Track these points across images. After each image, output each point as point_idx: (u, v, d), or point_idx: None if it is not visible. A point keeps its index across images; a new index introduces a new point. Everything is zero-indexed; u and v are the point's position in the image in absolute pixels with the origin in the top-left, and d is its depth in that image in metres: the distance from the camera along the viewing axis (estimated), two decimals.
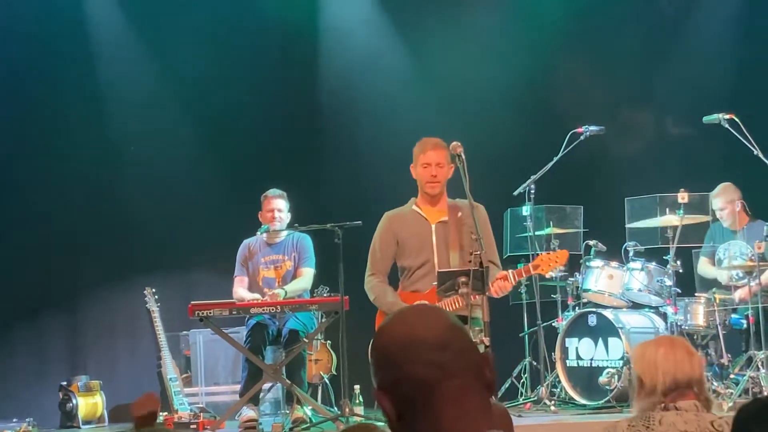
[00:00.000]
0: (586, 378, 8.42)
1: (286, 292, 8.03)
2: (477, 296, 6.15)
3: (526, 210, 8.85)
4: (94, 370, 9.63)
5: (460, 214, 6.84)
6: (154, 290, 8.81)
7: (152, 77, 10.49)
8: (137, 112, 10.42)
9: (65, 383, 9.22)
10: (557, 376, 8.53)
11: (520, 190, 8.83)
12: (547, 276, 8.16)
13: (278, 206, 8.33)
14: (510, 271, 6.60)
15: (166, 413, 8.28)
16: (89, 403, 9.21)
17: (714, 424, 3.61)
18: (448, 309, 6.27)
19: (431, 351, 2.12)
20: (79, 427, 9.00)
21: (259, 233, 8.41)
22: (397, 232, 7.05)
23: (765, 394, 7.68)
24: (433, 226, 6.95)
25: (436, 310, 2.27)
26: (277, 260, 8.40)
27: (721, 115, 8.52)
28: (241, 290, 8.28)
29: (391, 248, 7.06)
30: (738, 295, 8.61)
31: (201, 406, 8.80)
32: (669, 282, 8.50)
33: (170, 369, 8.73)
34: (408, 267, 6.99)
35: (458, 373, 2.12)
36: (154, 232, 10.24)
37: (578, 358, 8.51)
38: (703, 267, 9.14)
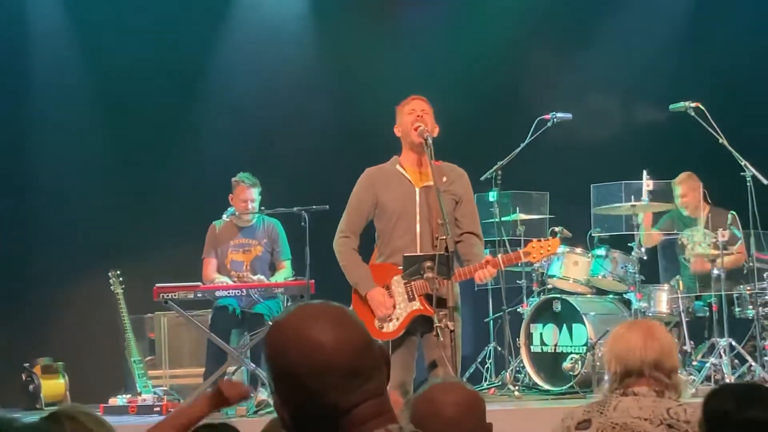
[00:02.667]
0: (550, 364, 8.46)
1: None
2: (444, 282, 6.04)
3: (492, 196, 8.86)
4: (57, 352, 9.56)
5: (445, 179, 6.34)
6: (118, 272, 8.76)
7: (115, 61, 10.40)
8: (99, 95, 10.35)
9: (27, 364, 9.17)
10: (521, 361, 8.57)
11: (486, 176, 8.84)
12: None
13: (252, 196, 8.32)
14: (499, 255, 6.44)
15: (129, 396, 8.25)
16: (52, 385, 9.16)
17: (669, 412, 3.61)
18: (419, 291, 6.22)
19: (344, 379, 2.00)
20: (42, 409, 8.94)
21: (225, 216, 8.39)
22: (378, 191, 6.48)
23: (727, 380, 7.75)
24: (418, 190, 6.40)
25: (346, 321, 2.07)
26: (246, 244, 8.39)
27: (687, 104, 8.56)
28: (211, 272, 8.27)
29: (369, 208, 6.49)
30: (693, 267, 8.75)
31: (165, 388, 8.77)
32: (633, 269, 8.55)
33: (134, 351, 8.69)
34: (387, 232, 6.46)
35: (370, 397, 2.03)
36: (119, 213, 10.18)
37: (542, 343, 8.55)
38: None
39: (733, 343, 8.12)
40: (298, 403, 2.02)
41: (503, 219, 8.90)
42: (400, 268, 6.24)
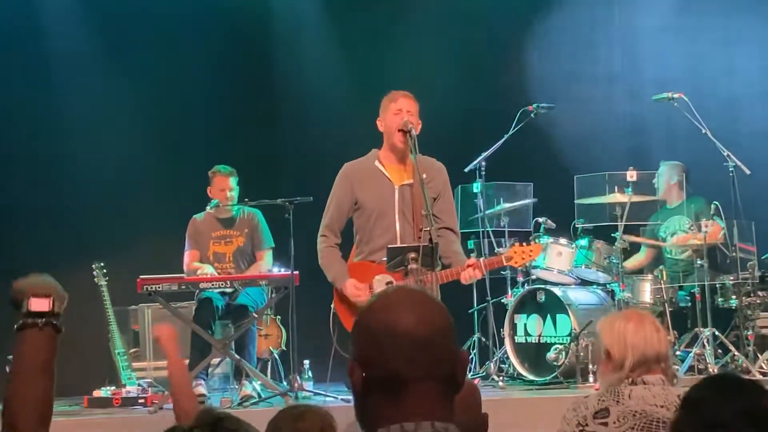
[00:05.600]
0: (534, 354, 8.48)
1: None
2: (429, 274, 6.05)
3: (476, 187, 8.88)
4: None
5: (425, 175, 6.28)
6: (102, 265, 8.74)
7: (99, 55, 10.36)
8: (83, 88, 10.30)
9: (11, 357, 9.12)
10: (506, 352, 8.58)
11: (471, 167, 8.86)
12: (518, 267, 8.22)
13: (230, 185, 8.33)
14: (482, 259, 6.43)
15: (114, 388, 8.24)
16: None
17: (680, 398, 3.67)
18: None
19: (415, 349, 2.10)
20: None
21: (208, 208, 8.39)
22: (356, 188, 6.49)
23: (711, 370, 7.78)
24: (397, 189, 6.42)
25: (432, 303, 2.21)
26: (227, 236, 8.39)
27: (670, 94, 8.59)
28: (191, 262, 8.25)
29: (348, 205, 6.52)
30: (672, 241, 8.80)
31: (149, 381, 8.76)
32: (617, 259, 8.58)
33: (118, 343, 8.68)
34: (366, 230, 6.49)
35: (434, 377, 2.12)
36: (102, 205, 10.16)
37: (527, 334, 8.56)
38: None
39: (717, 333, 8.15)
40: (367, 362, 2.13)
41: (488, 212, 8.91)
42: (381, 262, 6.24)
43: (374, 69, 10.25)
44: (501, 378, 8.31)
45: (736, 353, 8.07)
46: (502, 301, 8.87)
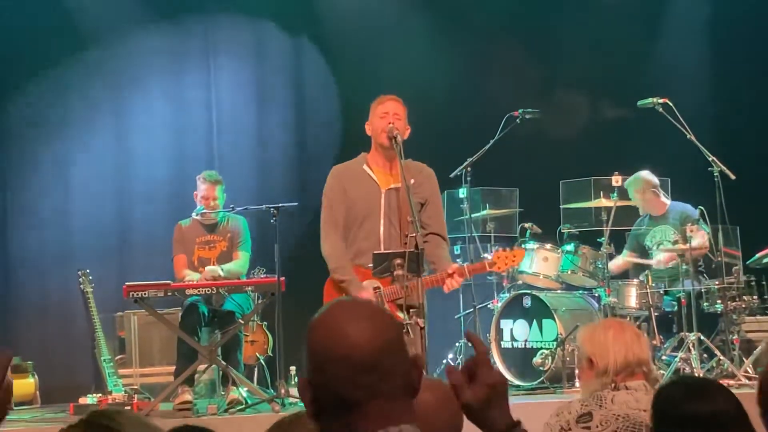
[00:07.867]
0: (521, 359, 8.50)
1: (222, 270, 8.02)
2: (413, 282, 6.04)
3: (462, 192, 8.89)
4: (26, 351, 9.51)
5: (413, 180, 6.26)
6: (88, 271, 8.73)
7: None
8: (74, 86, 10.29)
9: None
10: (492, 357, 8.59)
11: (456, 172, 8.87)
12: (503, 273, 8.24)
13: (213, 194, 8.29)
14: (465, 265, 6.43)
15: (100, 394, 8.22)
16: (21, 384, 9.11)
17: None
18: (389, 297, 6.20)
19: (359, 373, 2.04)
20: (11, 409, 8.88)
21: (194, 214, 8.37)
22: (346, 187, 6.42)
23: (696, 374, 7.79)
24: (383, 193, 6.38)
25: (375, 315, 2.13)
26: (211, 241, 8.37)
27: (655, 100, 8.62)
28: (182, 269, 8.23)
29: (343, 203, 6.42)
30: (658, 259, 8.82)
31: (136, 387, 8.75)
32: (602, 264, 8.60)
33: (104, 350, 8.66)
34: (351, 233, 6.42)
35: (383, 394, 2.06)
36: (88, 212, 10.13)
37: (513, 339, 8.58)
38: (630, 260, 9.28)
39: (702, 337, 8.16)
40: (315, 386, 2.10)
41: (473, 216, 8.93)
42: (368, 267, 6.23)
43: (359, 74, 10.25)
44: None
45: (721, 357, 8.08)
46: (489, 306, 8.89)
